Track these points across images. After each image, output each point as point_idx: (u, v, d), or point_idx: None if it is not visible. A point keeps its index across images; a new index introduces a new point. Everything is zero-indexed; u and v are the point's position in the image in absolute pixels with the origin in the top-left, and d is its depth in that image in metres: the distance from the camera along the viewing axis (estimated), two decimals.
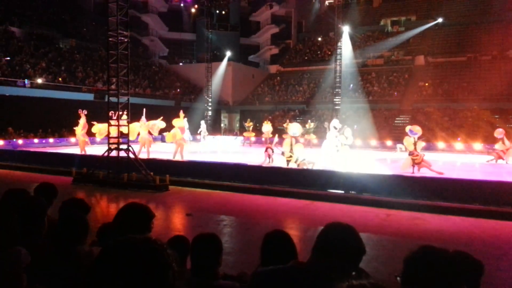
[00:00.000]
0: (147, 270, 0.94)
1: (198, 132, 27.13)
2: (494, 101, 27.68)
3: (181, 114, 16.89)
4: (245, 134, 28.15)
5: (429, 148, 22.32)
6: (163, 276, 0.96)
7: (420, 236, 7.14)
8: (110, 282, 0.92)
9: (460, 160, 18.47)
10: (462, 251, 2.09)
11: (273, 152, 15.34)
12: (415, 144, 12.96)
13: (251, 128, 27.75)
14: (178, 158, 15.68)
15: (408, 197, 9.42)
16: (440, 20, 38.51)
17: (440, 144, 23.54)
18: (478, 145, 22.98)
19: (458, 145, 23.57)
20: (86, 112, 18.39)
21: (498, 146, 17.25)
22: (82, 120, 18.27)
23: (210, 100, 34.17)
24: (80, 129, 18.27)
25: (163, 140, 27.77)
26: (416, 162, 12.92)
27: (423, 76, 33.88)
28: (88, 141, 18.56)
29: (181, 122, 16.41)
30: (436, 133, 24.47)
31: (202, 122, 27.88)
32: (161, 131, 17.98)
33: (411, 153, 13.04)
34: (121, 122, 12.47)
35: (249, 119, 28.76)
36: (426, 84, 32.73)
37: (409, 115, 30.08)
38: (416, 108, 30.41)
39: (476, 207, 8.79)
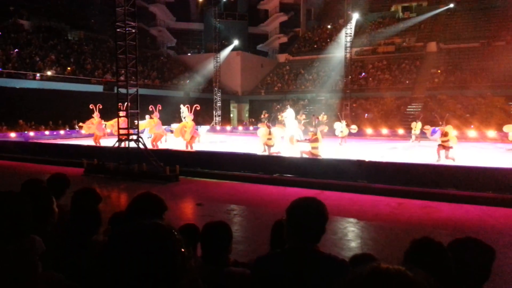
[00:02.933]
0: (155, 255, 0.93)
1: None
2: (508, 87, 27.15)
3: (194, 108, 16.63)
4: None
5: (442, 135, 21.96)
6: (172, 261, 0.95)
7: (432, 225, 7.07)
8: (119, 268, 0.92)
9: (473, 147, 18.22)
10: (473, 237, 2.06)
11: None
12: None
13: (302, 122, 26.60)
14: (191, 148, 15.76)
15: (419, 186, 9.32)
16: (451, 5, 37.72)
17: (453, 132, 23.22)
18: (491, 133, 22.63)
19: (471, 132, 23.23)
20: (101, 106, 18.42)
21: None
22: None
23: (219, 90, 34.12)
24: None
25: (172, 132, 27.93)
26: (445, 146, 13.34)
27: (435, 63, 33.34)
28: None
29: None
30: (449, 121, 24.13)
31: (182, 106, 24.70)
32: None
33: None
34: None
35: (301, 112, 28.09)
36: (438, 71, 32.21)
37: (421, 102, 29.71)
38: (428, 95, 29.99)
39: (489, 195, 8.66)
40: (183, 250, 0.98)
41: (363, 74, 34.60)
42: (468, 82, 29.48)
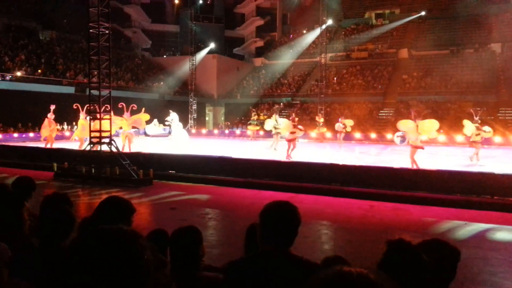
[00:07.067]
0: (117, 260, 0.92)
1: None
2: (475, 93, 28.16)
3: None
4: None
5: None
6: (135, 266, 0.94)
7: (402, 227, 7.25)
8: (81, 274, 0.91)
9: (442, 151, 18.77)
10: (439, 239, 2.13)
11: None
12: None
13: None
14: (126, 150, 15.64)
15: (391, 189, 9.54)
16: (423, 13, 38.88)
17: (423, 136, 23.83)
18: (460, 137, 23.36)
19: (441, 137, 23.90)
20: (53, 106, 17.94)
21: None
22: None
23: (194, 93, 33.92)
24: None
25: (146, 134, 27.61)
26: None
27: (406, 69, 34.23)
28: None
29: (145, 116, 16.91)
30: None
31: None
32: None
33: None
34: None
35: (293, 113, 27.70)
36: (410, 77, 33.09)
37: (393, 107, 30.40)
38: (400, 100, 30.74)
39: (457, 197, 8.95)
40: (148, 256, 0.97)
41: (335, 78, 35.18)
42: (438, 88, 30.42)
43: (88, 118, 16.45)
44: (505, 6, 34.80)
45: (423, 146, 12.85)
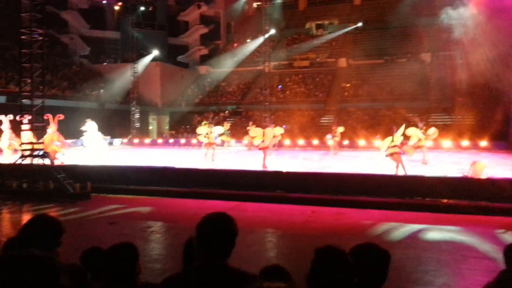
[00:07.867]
0: (28, 286, 0.89)
1: None
2: (409, 100, 29.96)
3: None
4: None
5: (351, 145, 23.57)
6: None
7: (343, 230, 7.49)
8: None
9: (378, 156, 19.67)
10: (371, 243, 2.21)
11: None
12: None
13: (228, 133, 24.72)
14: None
15: (332, 194, 9.85)
16: (360, 24, 40.90)
17: (361, 142, 24.98)
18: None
19: (377, 142, 25.10)
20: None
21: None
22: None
23: (137, 101, 33.04)
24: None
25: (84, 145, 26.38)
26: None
27: (345, 77, 35.73)
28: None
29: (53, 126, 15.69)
30: (358, 131, 25.93)
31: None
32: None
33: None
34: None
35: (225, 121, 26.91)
36: (348, 85, 34.58)
37: (333, 114, 31.52)
38: (340, 108, 31.99)
39: (392, 200, 9.44)
40: (63, 282, 0.94)
41: (280, 87, 35.96)
42: (374, 95, 32.03)
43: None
44: (433, 19, 37.43)
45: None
